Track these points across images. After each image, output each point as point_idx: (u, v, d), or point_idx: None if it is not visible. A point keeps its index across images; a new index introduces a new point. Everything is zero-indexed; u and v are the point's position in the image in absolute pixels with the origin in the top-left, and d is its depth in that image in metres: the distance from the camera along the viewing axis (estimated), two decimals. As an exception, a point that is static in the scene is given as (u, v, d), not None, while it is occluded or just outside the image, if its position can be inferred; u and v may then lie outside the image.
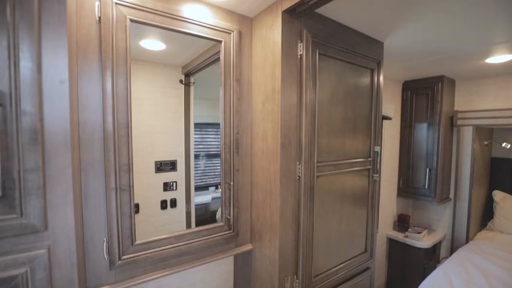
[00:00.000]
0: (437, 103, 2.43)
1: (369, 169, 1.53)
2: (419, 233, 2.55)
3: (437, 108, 2.44)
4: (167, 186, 1.28)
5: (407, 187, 2.70)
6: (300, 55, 1.17)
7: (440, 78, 2.41)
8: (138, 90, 1.10)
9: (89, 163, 0.93)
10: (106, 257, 0.98)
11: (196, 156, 1.30)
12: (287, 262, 1.21)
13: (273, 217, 1.18)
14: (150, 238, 1.07)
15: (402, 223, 2.74)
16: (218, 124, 1.24)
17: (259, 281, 1.31)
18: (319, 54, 1.22)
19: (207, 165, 1.34)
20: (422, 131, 2.57)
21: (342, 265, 1.45)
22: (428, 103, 2.50)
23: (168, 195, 1.29)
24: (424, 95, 2.53)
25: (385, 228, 2.74)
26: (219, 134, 1.24)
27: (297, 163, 1.19)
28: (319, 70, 1.23)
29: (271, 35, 1.16)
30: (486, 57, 1.79)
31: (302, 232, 1.22)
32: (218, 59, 1.22)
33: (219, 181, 1.28)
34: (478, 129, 2.59)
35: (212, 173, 1.36)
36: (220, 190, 1.27)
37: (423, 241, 2.52)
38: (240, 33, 1.23)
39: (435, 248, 2.71)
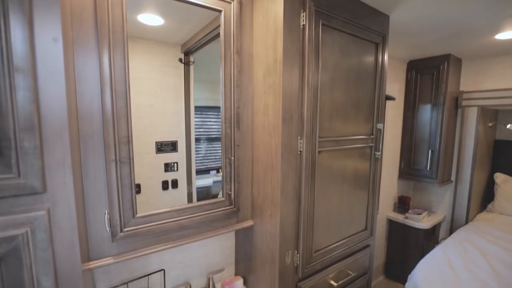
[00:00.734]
0: (443, 83, 2.38)
1: (371, 146, 1.52)
2: (419, 214, 2.57)
3: (442, 88, 2.39)
4: (168, 167, 1.27)
5: (409, 169, 2.70)
6: (303, 25, 1.13)
7: (447, 57, 2.35)
8: (137, 69, 1.07)
9: (88, 134, 0.92)
10: (108, 229, 0.98)
11: (197, 140, 1.29)
12: (288, 237, 1.22)
13: (274, 192, 1.18)
14: (151, 211, 1.07)
15: (402, 204, 2.76)
16: (219, 107, 1.22)
17: (260, 256, 1.33)
18: (322, 25, 1.18)
19: (208, 148, 1.33)
20: (426, 112, 2.54)
21: (342, 241, 1.46)
22: (433, 83, 2.45)
23: (169, 176, 1.28)
24: (429, 75, 2.48)
25: (386, 209, 2.76)
26: (219, 118, 1.23)
27: (299, 137, 1.18)
28: (322, 42, 1.19)
29: (272, 4, 1.12)
30: (496, 32, 1.73)
31: (303, 207, 1.22)
32: (218, 35, 1.19)
33: (220, 164, 1.27)
34: (483, 111, 2.55)
35: (213, 157, 1.35)
36: (221, 173, 1.27)
37: (423, 222, 2.55)
38: (240, 3, 1.18)
39: (435, 229, 2.74)
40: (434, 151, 2.48)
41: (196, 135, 1.28)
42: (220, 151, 1.24)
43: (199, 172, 1.33)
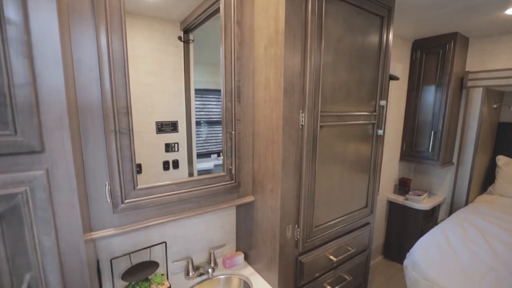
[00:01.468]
0: (448, 63, 2.33)
1: (373, 124, 1.50)
2: (419, 195, 2.58)
3: (447, 68, 2.34)
4: (168, 147, 1.26)
5: (410, 150, 2.69)
6: (306, -6, 1.08)
7: (453, 36, 2.29)
8: (135, 47, 1.05)
9: (86, 104, 0.90)
10: (109, 200, 0.99)
11: (198, 123, 1.28)
12: (288, 212, 1.22)
13: (275, 167, 1.18)
14: (152, 183, 1.07)
15: (403, 186, 2.77)
16: (219, 90, 1.20)
17: (260, 231, 1.34)
18: (326, -6, 1.13)
19: (209, 132, 1.32)
20: (430, 93, 2.50)
21: (343, 218, 1.47)
22: (438, 63, 2.40)
23: (170, 156, 1.27)
24: (434, 55, 2.42)
25: (386, 191, 2.77)
26: (220, 101, 1.21)
27: (300, 111, 1.16)
28: (326, 13, 1.15)
29: (275, -29, 1.07)
30: (506, 7, 1.67)
31: (304, 182, 1.22)
32: (218, 10, 1.15)
33: (221, 148, 1.27)
34: (488, 92, 2.51)
35: (214, 141, 1.34)
36: (222, 157, 1.27)
37: (423, 203, 2.56)
38: (241, -29, 1.14)
39: (434, 210, 2.76)
40: (436, 132, 2.46)
41: (196, 118, 1.27)
42: (221, 134, 1.24)
43: (200, 155, 1.33)
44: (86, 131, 0.91)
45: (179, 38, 1.22)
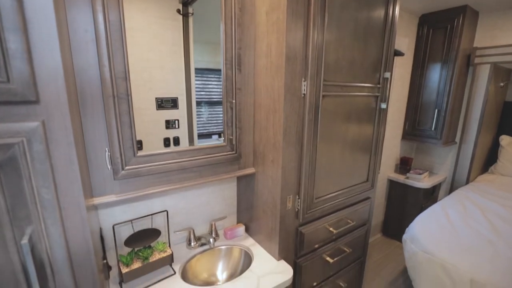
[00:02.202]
0: (456, 38, 2.26)
1: (377, 96, 1.47)
2: (420, 174, 2.58)
3: (454, 44, 2.27)
4: (169, 124, 1.24)
5: (413, 129, 2.66)
6: (310, -47, 1.03)
7: (463, 9, 2.20)
8: (132, 19, 1.00)
9: (83, 67, 0.88)
10: (109, 167, 0.98)
11: (198, 103, 1.25)
12: (289, 182, 1.22)
13: (276, 136, 1.16)
14: (152, 151, 1.07)
15: (404, 165, 2.77)
16: (220, 70, 1.18)
17: (261, 202, 1.35)
18: (332, -46, 1.07)
19: (210, 113, 1.29)
20: (435, 70, 2.44)
21: (343, 191, 1.47)
22: (446, 39, 2.32)
23: (171, 133, 1.26)
24: (442, 30, 2.34)
25: (387, 170, 2.77)
26: (221, 81, 1.18)
27: (303, 79, 1.13)
28: (331, -25, 1.10)
29: None
30: (520, -26, 1.59)
31: (305, 153, 1.21)
32: None
33: (221, 129, 1.25)
34: (495, 69, 2.44)
35: (215, 121, 1.32)
36: (223, 138, 1.26)
37: (423, 181, 2.57)
38: None
39: (434, 189, 2.77)
40: (440, 111, 2.43)
41: (197, 98, 1.24)
42: (221, 115, 1.22)
43: (201, 136, 1.31)
44: (83, 95, 0.89)
45: (178, 11, 1.18)
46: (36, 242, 0.58)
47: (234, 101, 1.19)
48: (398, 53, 2.18)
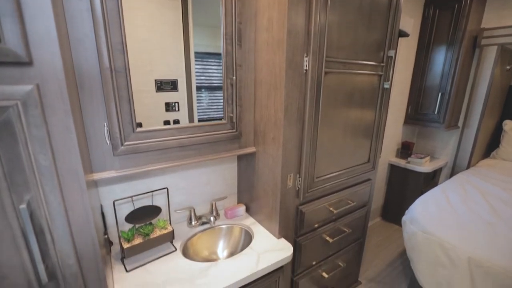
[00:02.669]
0: (463, 18, 2.19)
1: (380, 75, 1.44)
2: (421, 158, 2.57)
3: (461, 25, 2.21)
4: (169, 107, 1.22)
5: (415, 113, 2.63)
6: None
7: (471, -13, 2.13)
8: None
9: (78, 38, 0.85)
10: (108, 142, 0.98)
11: (199, 88, 1.22)
12: (290, 160, 1.21)
13: (277, 114, 1.15)
14: (151, 127, 1.06)
15: (405, 150, 2.75)
16: (220, 54, 1.15)
17: (262, 182, 1.34)
18: None
19: (210, 98, 1.27)
20: (440, 52, 2.39)
21: (345, 171, 1.47)
22: (452, 19, 2.26)
23: (171, 116, 1.24)
24: (449, 10, 2.27)
25: (388, 154, 2.76)
26: (221, 66, 1.16)
27: (305, 54, 1.10)
28: None
29: None
30: None
31: (307, 131, 1.20)
32: None
33: (222, 115, 1.24)
34: (502, 52, 2.39)
35: (215, 107, 1.30)
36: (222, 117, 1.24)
37: (424, 165, 2.56)
38: None
39: (435, 174, 2.77)
40: (444, 94, 2.39)
41: (197, 83, 1.22)
42: (222, 100, 1.21)
43: (202, 121, 1.29)
44: (80, 67, 0.87)
45: (176, -12, 1.14)
46: (35, 208, 0.58)
47: (234, 77, 1.16)
48: (403, 34, 2.13)
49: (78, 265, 0.66)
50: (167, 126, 1.09)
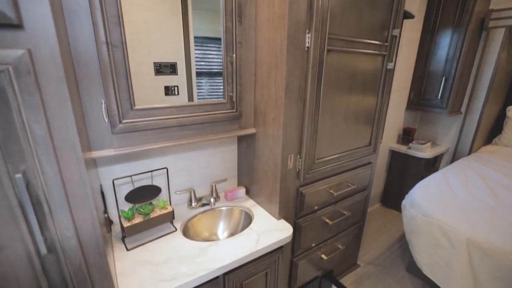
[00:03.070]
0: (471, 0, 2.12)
1: (384, 55, 1.40)
2: (422, 144, 2.55)
3: (469, 6, 2.14)
4: (168, 90, 1.20)
5: (418, 99, 2.60)
6: None
7: (480, -34, 2.05)
8: None
9: (73, 9, 0.82)
10: (106, 120, 0.96)
11: (199, 74, 1.19)
12: (290, 141, 1.20)
13: (278, 93, 1.13)
14: (150, 104, 1.04)
15: (407, 136, 2.73)
16: (220, 39, 1.12)
17: (262, 163, 1.34)
18: None
19: (211, 84, 1.24)
20: (446, 35, 2.33)
21: (346, 153, 1.46)
22: (460, 1, 2.19)
23: (171, 100, 1.22)
24: (456, -10, 2.20)
25: (389, 140, 2.75)
26: (221, 51, 1.13)
27: (307, 31, 1.07)
28: None
29: None
30: None
31: (308, 110, 1.18)
32: None
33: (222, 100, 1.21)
34: (510, 34, 2.32)
35: (215, 94, 1.27)
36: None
37: (425, 151, 2.55)
38: None
39: (436, 160, 2.76)
40: (448, 78, 2.35)
41: (197, 68, 1.19)
42: (222, 87, 1.19)
43: (202, 100, 1.27)
44: (75, 40, 0.84)
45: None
46: (31, 179, 0.57)
47: (234, 55, 1.13)
48: (407, 15, 2.06)
49: (77, 238, 0.66)
50: (166, 104, 1.07)
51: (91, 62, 0.89)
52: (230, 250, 1.09)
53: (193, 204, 1.38)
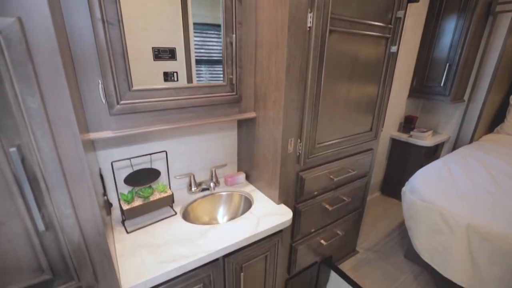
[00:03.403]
0: (478, -18, 2.06)
1: (387, 38, 1.37)
2: (424, 132, 2.54)
3: (476, -11, 2.08)
4: (167, 76, 1.17)
5: (421, 86, 2.56)
6: None
7: None
8: None
9: (66, -16, 0.79)
10: (103, 100, 0.94)
11: (198, 62, 1.16)
12: (291, 124, 1.18)
13: (279, 74, 1.10)
14: (148, 86, 1.02)
15: (408, 124, 2.71)
16: (219, 25, 1.09)
17: (261, 147, 1.32)
18: None
19: (211, 72, 1.21)
20: (451, 20, 2.27)
21: (347, 138, 1.45)
22: (466, -16, 2.13)
23: (170, 86, 1.19)
24: (463, -27, 2.13)
25: (390, 129, 2.73)
26: (221, 38, 1.10)
27: (309, 10, 1.04)
28: None
29: None
30: None
31: (309, 93, 1.16)
32: None
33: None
34: (517, 20, 2.27)
35: (215, 82, 1.23)
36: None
37: (426, 140, 2.53)
38: None
39: (437, 148, 2.75)
40: (452, 65, 2.31)
41: (196, 56, 1.16)
42: (222, 74, 1.17)
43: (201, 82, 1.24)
44: (69, 16, 0.82)
45: None
46: (27, 154, 0.56)
47: (234, 35, 1.10)
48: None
49: (75, 216, 0.65)
50: (165, 86, 1.05)
51: (87, 40, 0.87)
52: (230, 233, 1.09)
53: (193, 189, 1.38)
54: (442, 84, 2.38)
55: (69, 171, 0.62)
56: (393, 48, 1.39)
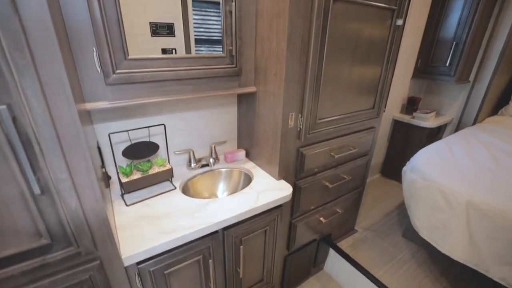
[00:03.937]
0: (490, -46, 1.96)
1: (393, 10, 1.31)
2: (427, 113, 2.50)
3: (487, -38, 1.99)
4: (166, 53, 1.13)
5: (426, 66, 2.50)
6: None
7: None
8: None
9: None
10: (98, 69, 0.92)
11: (198, 41, 1.12)
12: (292, 98, 1.16)
13: (280, 45, 1.06)
14: (145, 55, 0.99)
15: (411, 105, 2.67)
16: (219, 3, 1.05)
17: (262, 122, 1.30)
18: None
19: (211, 52, 1.16)
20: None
21: (349, 115, 1.42)
22: (478, -44, 2.03)
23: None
24: None
25: (393, 110, 2.69)
26: (220, 16, 1.06)
27: (312, -25, 0.99)
28: None
29: None
30: None
31: (311, 65, 1.12)
32: None
33: None
34: (528, -4, 2.18)
35: (215, 53, 1.19)
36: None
37: (429, 121, 2.50)
38: None
39: (439, 130, 2.72)
40: (459, 43, 2.24)
41: (196, 35, 1.11)
42: (222, 51, 1.12)
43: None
44: (60, -23, 0.78)
45: None
46: (19, 115, 0.54)
47: (233, 3, 1.06)
48: (421, -28, 1.92)
49: (71, 180, 0.64)
50: (163, 56, 1.02)
51: (79, 5, 0.83)
52: (229, 206, 1.09)
53: (192, 165, 1.37)
54: (447, 64, 2.33)
55: (63, 134, 0.61)
56: (399, 21, 1.34)
